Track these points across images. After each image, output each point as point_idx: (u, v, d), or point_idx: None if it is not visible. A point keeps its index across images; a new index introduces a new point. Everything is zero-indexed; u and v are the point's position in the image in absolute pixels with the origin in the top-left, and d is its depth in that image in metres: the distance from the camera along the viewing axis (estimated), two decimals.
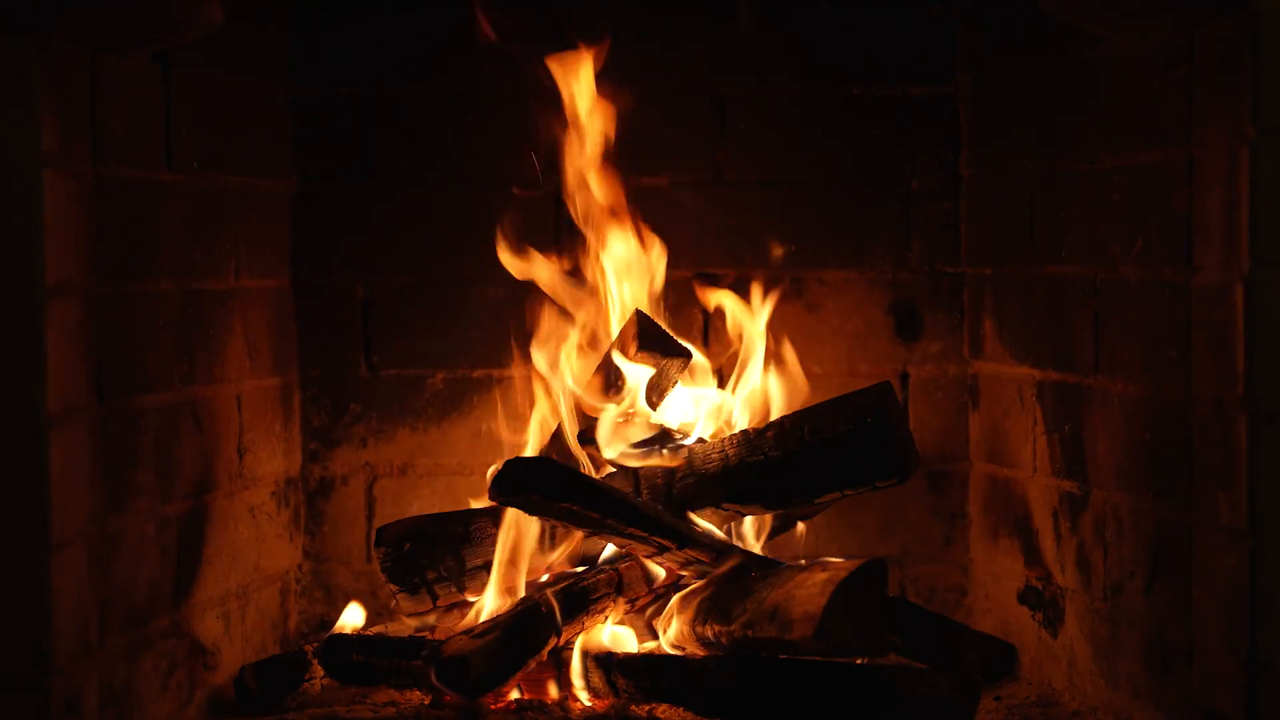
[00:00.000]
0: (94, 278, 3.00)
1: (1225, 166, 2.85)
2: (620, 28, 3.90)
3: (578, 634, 3.39)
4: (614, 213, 3.71)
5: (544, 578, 3.53)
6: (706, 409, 3.71)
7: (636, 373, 3.58)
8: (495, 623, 3.27)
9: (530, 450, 3.71)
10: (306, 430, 3.97)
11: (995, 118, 3.82)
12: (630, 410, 3.61)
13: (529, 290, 3.78)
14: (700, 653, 3.39)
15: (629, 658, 3.40)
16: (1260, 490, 2.80)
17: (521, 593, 3.47)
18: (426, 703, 3.34)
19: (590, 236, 3.73)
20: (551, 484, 3.26)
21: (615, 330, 3.69)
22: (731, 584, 3.40)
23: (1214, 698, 2.91)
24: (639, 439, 3.56)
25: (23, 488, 2.83)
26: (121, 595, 3.09)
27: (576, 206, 3.74)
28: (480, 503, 3.56)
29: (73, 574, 2.90)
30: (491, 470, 3.62)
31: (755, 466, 3.42)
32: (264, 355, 3.74)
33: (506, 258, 3.73)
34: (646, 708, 3.31)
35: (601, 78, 3.78)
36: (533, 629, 3.27)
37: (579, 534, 3.50)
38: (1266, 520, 2.80)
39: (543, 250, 3.83)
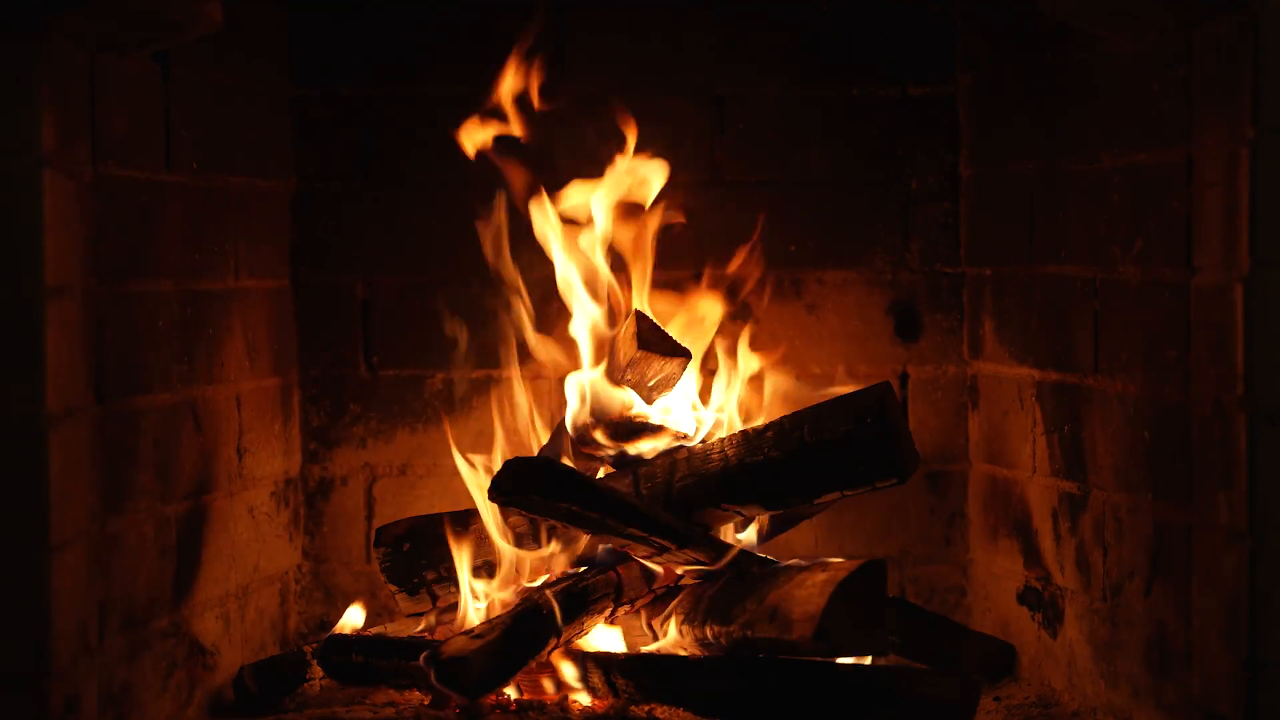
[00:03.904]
0: (94, 278, 3.00)
1: (1225, 167, 2.85)
2: (620, 28, 3.91)
3: (578, 634, 3.39)
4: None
5: (544, 578, 3.54)
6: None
7: (637, 373, 3.58)
8: (495, 623, 3.27)
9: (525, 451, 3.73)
10: (306, 430, 3.97)
11: (995, 118, 3.82)
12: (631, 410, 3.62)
13: (528, 291, 3.79)
14: (699, 653, 3.39)
15: (629, 658, 3.40)
16: (1260, 490, 2.80)
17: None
18: (426, 703, 3.34)
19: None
20: (551, 484, 3.26)
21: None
22: (730, 584, 3.40)
23: (1214, 698, 2.91)
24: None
25: (22, 488, 2.83)
26: (121, 596, 3.09)
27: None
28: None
29: (72, 574, 2.90)
30: (481, 465, 3.64)
31: (754, 467, 3.42)
32: (264, 355, 3.74)
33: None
34: (646, 708, 3.31)
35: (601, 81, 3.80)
36: (533, 629, 3.27)
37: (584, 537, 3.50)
38: (1266, 520, 2.80)
39: (541, 249, 3.84)
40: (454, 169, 3.93)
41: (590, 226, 3.73)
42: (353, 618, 3.68)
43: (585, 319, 3.70)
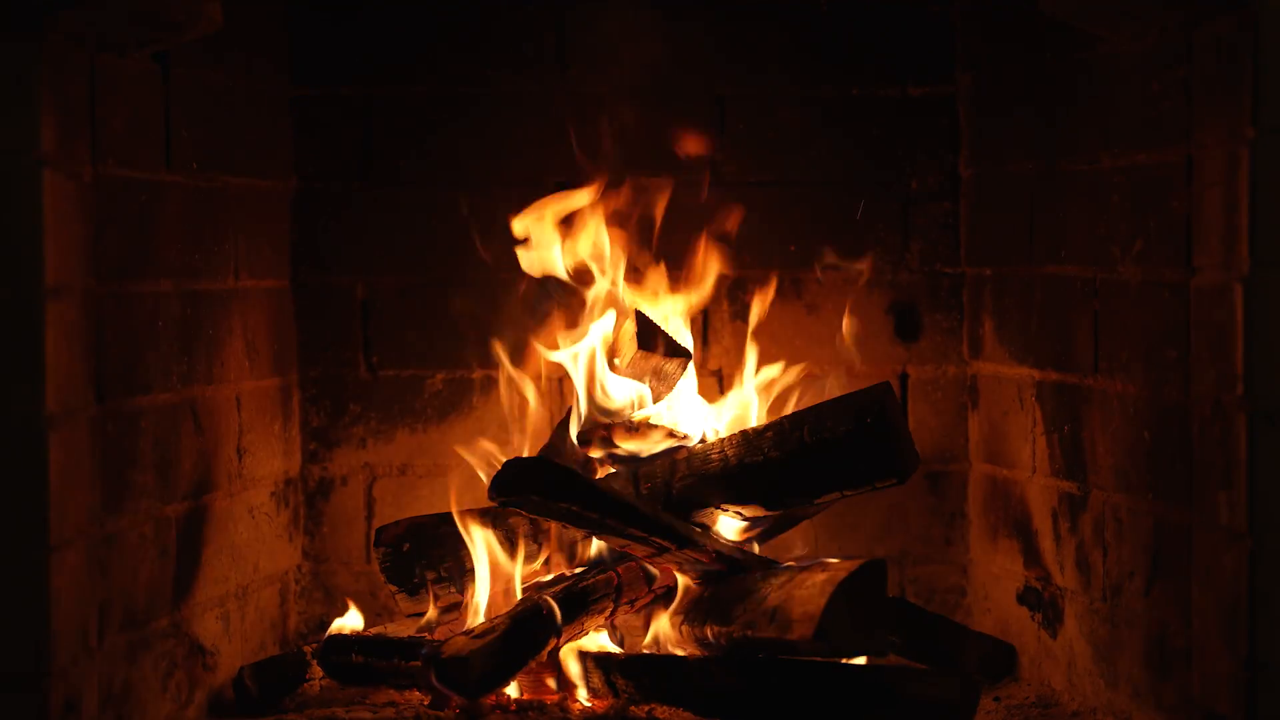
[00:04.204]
0: (94, 278, 3.00)
1: (1225, 167, 2.85)
2: (620, 28, 3.91)
3: (577, 634, 3.39)
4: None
5: (543, 578, 3.54)
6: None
7: (636, 373, 3.58)
8: (495, 623, 3.28)
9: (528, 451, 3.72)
10: (306, 431, 3.97)
11: (995, 118, 3.82)
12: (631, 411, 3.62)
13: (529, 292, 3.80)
14: (699, 653, 3.39)
15: (629, 658, 3.40)
16: (1260, 490, 2.80)
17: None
18: (426, 703, 3.34)
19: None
20: (551, 484, 3.26)
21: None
22: (730, 584, 3.40)
23: (1214, 698, 2.91)
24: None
25: (22, 488, 2.82)
26: (121, 596, 3.09)
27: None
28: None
29: (72, 574, 2.90)
30: (484, 470, 3.64)
31: (754, 467, 3.42)
32: (263, 355, 3.74)
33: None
34: (646, 708, 3.31)
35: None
36: (532, 630, 3.27)
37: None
38: (1266, 520, 2.80)
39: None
40: (453, 169, 3.94)
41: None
42: (350, 620, 3.68)
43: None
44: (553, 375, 3.83)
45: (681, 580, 3.49)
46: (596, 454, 3.59)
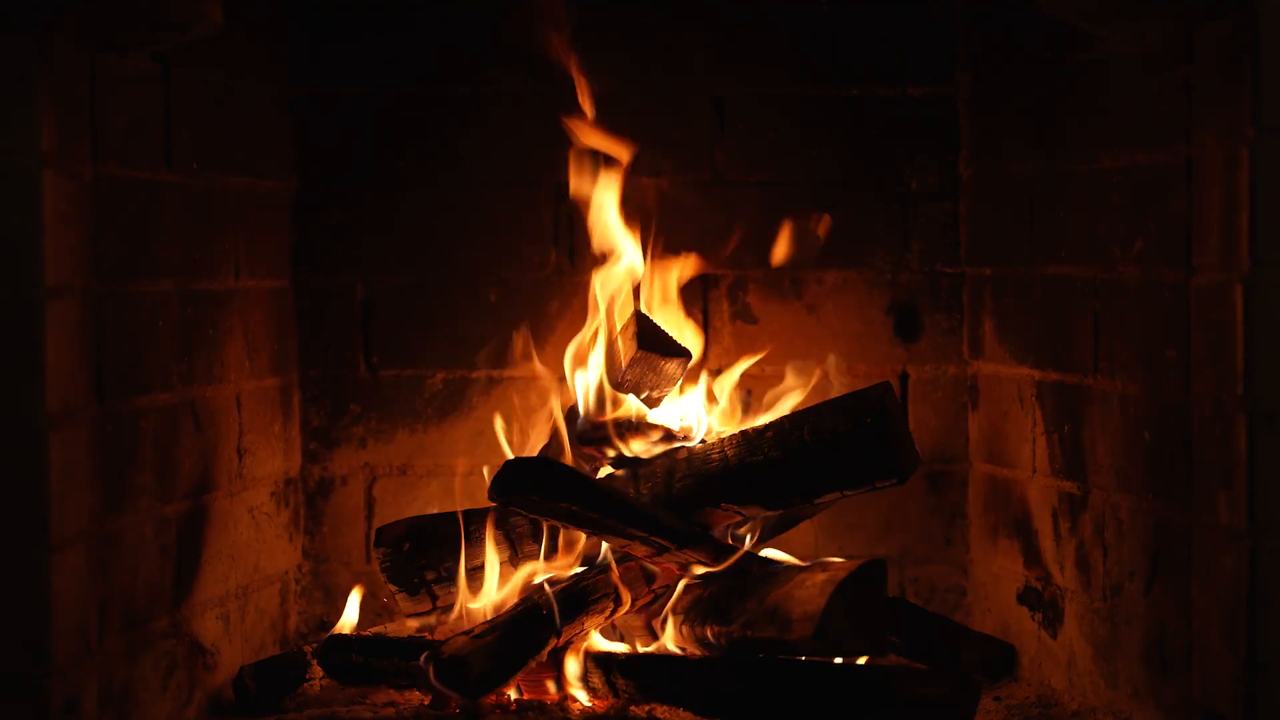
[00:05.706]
0: (94, 278, 3.00)
1: (1225, 167, 2.85)
2: (621, 29, 3.91)
3: (577, 634, 3.39)
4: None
5: (543, 578, 3.54)
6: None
7: (637, 373, 3.58)
8: (495, 623, 3.28)
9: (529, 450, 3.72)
10: (306, 431, 3.97)
11: (995, 118, 3.82)
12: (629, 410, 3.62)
13: (527, 291, 3.80)
14: (699, 653, 3.39)
15: (629, 658, 3.40)
16: (1260, 490, 2.80)
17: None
18: (426, 703, 3.34)
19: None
20: (551, 484, 3.26)
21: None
22: (730, 584, 3.40)
23: (1214, 698, 2.91)
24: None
25: (23, 488, 2.83)
26: (121, 596, 3.09)
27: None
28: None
29: (72, 574, 2.90)
30: (488, 471, 3.64)
31: (755, 466, 3.42)
32: (264, 355, 3.74)
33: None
34: (646, 708, 3.31)
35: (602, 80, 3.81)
36: (532, 629, 3.27)
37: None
38: (1266, 520, 2.80)
39: (541, 249, 3.85)
40: (453, 169, 3.94)
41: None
42: (350, 612, 3.68)
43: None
44: (555, 374, 3.83)
45: (682, 580, 3.49)
46: (596, 454, 3.59)
